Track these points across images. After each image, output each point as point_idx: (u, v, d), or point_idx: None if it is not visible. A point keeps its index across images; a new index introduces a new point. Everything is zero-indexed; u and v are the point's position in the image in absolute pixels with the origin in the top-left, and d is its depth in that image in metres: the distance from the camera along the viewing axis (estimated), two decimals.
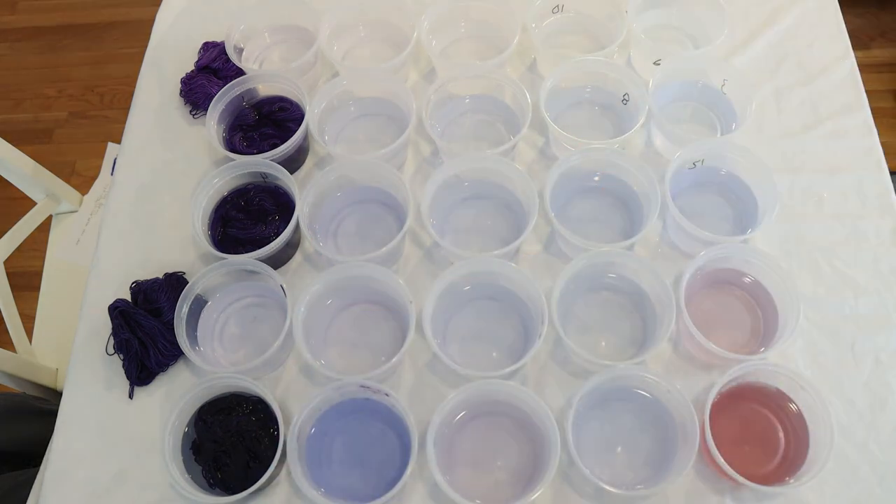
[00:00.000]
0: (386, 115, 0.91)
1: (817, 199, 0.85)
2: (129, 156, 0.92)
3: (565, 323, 0.77)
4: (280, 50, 0.99)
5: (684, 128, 0.89)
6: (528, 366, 0.76)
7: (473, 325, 0.78)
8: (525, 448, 0.72)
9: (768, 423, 0.72)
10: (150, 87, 0.97)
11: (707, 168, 0.83)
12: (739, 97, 0.85)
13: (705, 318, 0.75)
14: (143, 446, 0.75)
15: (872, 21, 1.78)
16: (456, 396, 0.69)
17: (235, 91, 0.89)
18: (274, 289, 0.79)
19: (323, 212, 0.84)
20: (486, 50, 0.96)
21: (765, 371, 0.71)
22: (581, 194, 0.84)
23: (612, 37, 0.91)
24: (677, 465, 0.68)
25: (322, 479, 0.71)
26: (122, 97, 1.84)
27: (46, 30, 1.96)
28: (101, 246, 0.86)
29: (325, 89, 0.87)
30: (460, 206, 0.85)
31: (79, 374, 0.79)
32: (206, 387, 0.73)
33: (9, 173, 1.19)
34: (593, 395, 0.71)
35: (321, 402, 0.72)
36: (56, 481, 0.74)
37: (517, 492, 0.70)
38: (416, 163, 0.89)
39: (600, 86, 0.89)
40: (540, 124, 0.89)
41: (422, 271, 0.82)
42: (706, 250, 0.75)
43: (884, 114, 1.67)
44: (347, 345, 0.78)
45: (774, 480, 0.69)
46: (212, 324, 0.80)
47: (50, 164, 1.28)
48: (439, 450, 0.68)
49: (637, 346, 0.76)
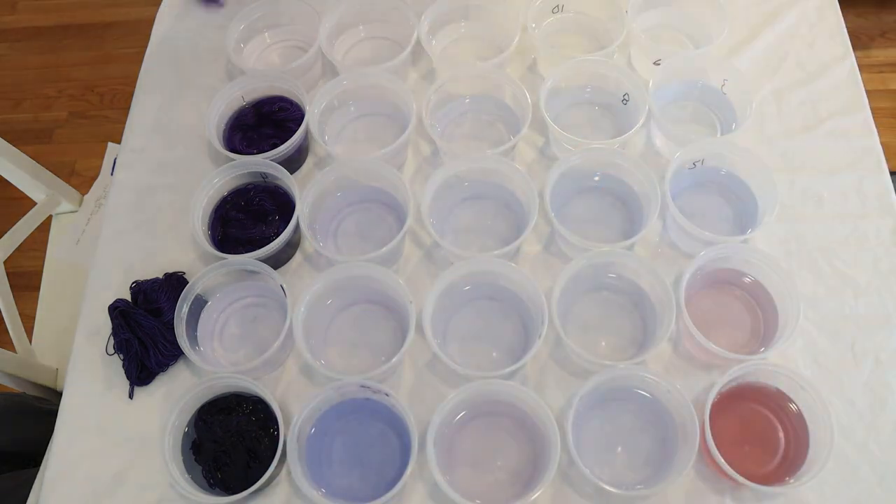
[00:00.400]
0: (386, 115, 0.91)
1: (817, 200, 0.85)
2: (129, 156, 0.92)
3: (565, 323, 0.77)
4: (280, 50, 0.99)
5: (684, 128, 0.89)
6: (528, 366, 0.76)
7: (473, 325, 0.78)
8: (525, 448, 0.72)
9: (768, 423, 0.72)
10: (150, 87, 0.97)
11: (707, 168, 0.83)
12: (739, 97, 0.85)
13: (705, 318, 0.75)
14: (143, 446, 0.75)
15: (872, 21, 1.78)
16: (456, 396, 0.69)
17: (236, 91, 0.89)
18: (274, 289, 0.79)
19: (323, 212, 0.84)
20: (486, 50, 0.96)
21: (765, 371, 0.71)
22: (581, 194, 0.84)
23: (612, 37, 0.91)
24: (677, 465, 0.68)
25: (322, 479, 0.71)
26: (122, 97, 1.85)
27: (46, 30, 1.96)
28: (101, 246, 0.86)
29: (325, 89, 0.87)
30: (460, 206, 0.85)
31: (79, 374, 0.79)
32: (206, 387, 0.73)
33: (9, 173, 1.19)
34: (593, 395, 0.71)
35: (321, 402, 0.72)
36: (56, 481, 0.74)
37: (517, 492, 0.70)
38: (416, 163, 0.89)
39: (600, 86, 0.89)
40: (540, 124, 0.89)
41: (422, 271, 0.82)
42: (706, 250, 0.75)
43: (884, 114, 1.67)
44: (347, 345, 0.78)
45: (774, 480, 0.69)
46: (212, 324, 0.80)
47: (50, 164, 1.28)
48: (439, 450, 0.68)
49: (637, 346, 0.76)
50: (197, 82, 0.97)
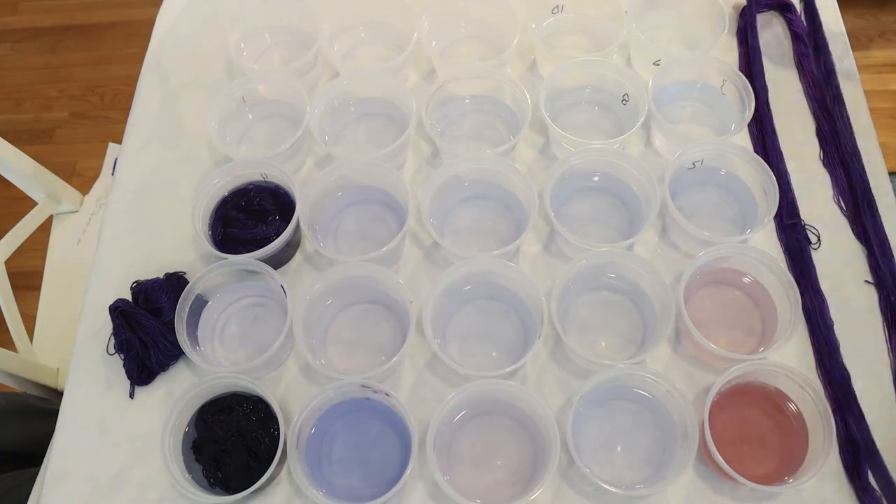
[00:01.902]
0: (386, 116, 0.91)
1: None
2: (130, 156, 0.92)
3: (565, 323, 0.77)
4: (280, 50, 0.99)
5: (684, 128, 0.89)
6: (527, 365, 0.76)
7: (473, 325, 0.78)
8: (525, 447, 0.72)
9: (767, 423, 0.72)
10: (151, 88, 0.98)
11: (707, 168, 0.83)
12: (739, 97, 0.85)
13: (705, 317, 0.76)
14: (143, 446, 0.75)
15: (872, 21, 1.78)
16: (456, 396, 0.69)
17: (236, 91, 0.89)
18: (274, 289, 0.79)
19: (323, 212, 0.84)
20: (486, 50, 0.96)
21: (764, 371, 0.71)
22: (581, 194, 0.85)
23: (611, 37, 0.91)
24: (677, 464, 0.68)
25: (322, 479, 0.71)
26: (123, 97, 1.85)
27: (47, 30, 1.97)
28: (101, 246, 0.87)
29: (326, 90, 0.87)
30: (460, 206, 0.85)
31: (79, 373, 0.79)
32: (206, 386, 0.73)
33: (10, 173, 1.19)
34: (593, 395, 0.71)
35: (321, 402, 0.72)
36: (57, 480, 0.74)
37: (517, 491, 0.70)
38: (416, 163, 0.89)
39: (600, 86, 0.89)
40: (540, 124, 0.89)
41: (422, 271, 0.82)
42: (706, 250, 0.75)
43: (883, 114, 1.66)
44: (347, 345, 0.79)
45: (774, 480, 0.69)
46: (212, 324, 0.80)
47: (51, 164, 1.28)
48: (439, 449, 0.68)
49: (637, 346, 0.76)
50: (197, 82, 0.97)
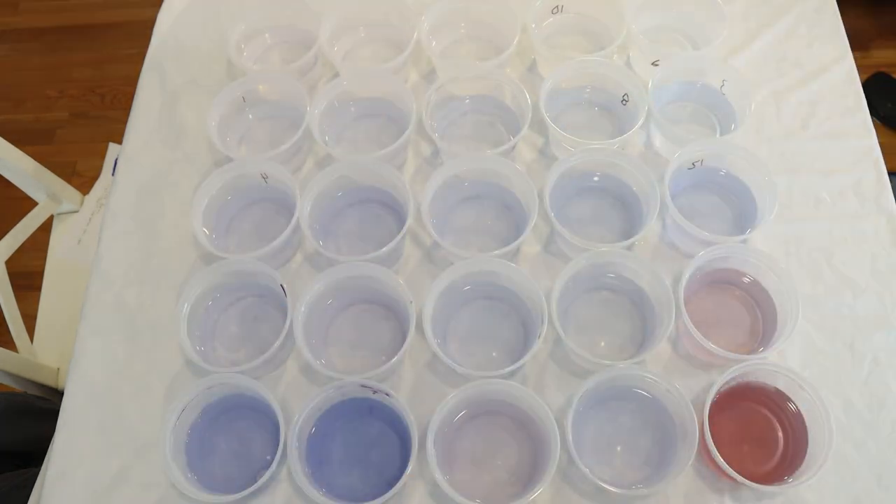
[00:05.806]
0: (386, 116, 0.91)
1: (816, 200, 0.85)
2: (130, 156, 0.93)
3: (565, 323, 0.77)
4: (280, 50, 0.99)
5: (684, 128, 0.89)
6: (527, 365, 0.76)
7: (473, 324, 0.78)
8: (525, 447, 0.72)
9: (767, 423, 0.72)
10: (151, 88, 0.98)
11: (706, 168, 0.83)
12: (738, 98, 0.85)
13: (705, 317, 0.76)
14: (143, 446, 0.75)
15: (871, 21, 1.78)
16: (456, 396, 0.70)
17: (236, 91, 0.89)
18: (274, 289, 0.79)
19: (323, 212, 0.84)
20: (486, 50, 0.96)
21: (764, 371, 0.71)
22: (581, 194, 0.85)
23: (611, 37, 0.91)
24: (677, 464, 0.68)
25: (322, 479, 0.71)
26: (123, 98, 1.85)
27: (48, 31, 1.97)
28: (102, 246, 0.87)
29: (326, 90, 0.88)
30: (460, 206, 0.85)
31: (80, 373, 0.79)
32: (206, 387, 0.73)
33: (10, 173, 1.19)
34: (593, 395, 0.71)
35: (321, 402, 0.72)
36: (57, 480, 0.74)
37: (517, 491, 0.70)
38: (416, 163, 0.89)
39: (600, 86, 0.89)
40: (540, 124, 0.89)
41: (422, 271, 0.82)
42: (705, 250, 0.75)
43: None
44: (347, 345, 0.79)
45: (774, 480, 0.69)
46: (212, 324, 0.81)
47: (51, 164, 1.28)
48: (439, 449, 0.68)
49: (636, 346, 0.77)
50: (197, 82, 0.97)
